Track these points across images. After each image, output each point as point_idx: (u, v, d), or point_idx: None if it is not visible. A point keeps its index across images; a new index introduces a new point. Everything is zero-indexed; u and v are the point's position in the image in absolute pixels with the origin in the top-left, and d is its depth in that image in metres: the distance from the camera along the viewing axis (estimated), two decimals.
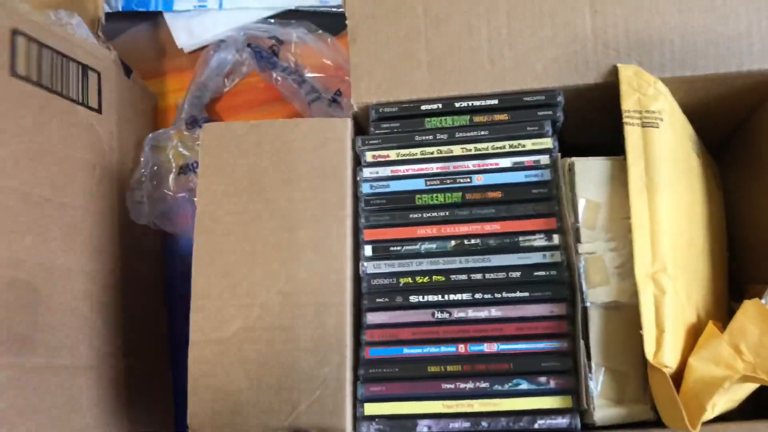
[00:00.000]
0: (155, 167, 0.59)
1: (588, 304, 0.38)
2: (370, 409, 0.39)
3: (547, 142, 0.42)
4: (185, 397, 0.40)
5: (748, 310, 0.36)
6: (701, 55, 0.41)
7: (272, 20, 0.65)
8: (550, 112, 0.42)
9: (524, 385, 0.38)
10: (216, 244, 0.42)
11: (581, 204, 0.40)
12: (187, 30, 0.66)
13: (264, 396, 0.39)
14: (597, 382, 0.38)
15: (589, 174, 0.40)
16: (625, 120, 0.39)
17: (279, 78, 0.63)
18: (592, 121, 0.47)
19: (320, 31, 0.63)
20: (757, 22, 0.41)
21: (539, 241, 0.41)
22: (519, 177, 0.42)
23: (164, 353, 0.57)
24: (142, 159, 0.58)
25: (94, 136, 0.53)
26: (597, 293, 0.38)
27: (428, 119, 0.43)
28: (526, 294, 0.40)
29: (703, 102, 0.45)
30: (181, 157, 0.61)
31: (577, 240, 0.39)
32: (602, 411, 0.37)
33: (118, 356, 0.49)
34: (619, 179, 0.39)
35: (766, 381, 0.34)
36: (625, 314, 0.38)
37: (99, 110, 0.54)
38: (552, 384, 0.38)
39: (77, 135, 0.51)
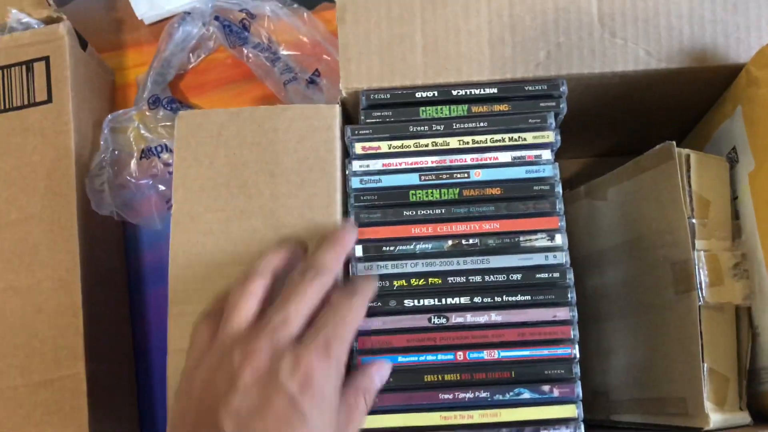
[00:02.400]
0: (115, 151, 0.54)
1: (701, 303, 0.37)
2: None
3: (549, 136, 0.39)
4: (151, 401, 0.36)
5: None
6: (710, 46, 0.39)
7: None
8: (553, 104, 0.40)
9: (526, 395, 0.36)
10: (195, 245, 0.38)
11: (696, 199, 0.38)
12: None
13: None
14: (704, 385, 0.36)
15: (704, 169, 0.38)
16: None
17: (251, 55, 0.58)
18: (589, 113, 0.45)
19: (295, 5, 0.59)
20: None
21: (541, 241, 0.38)
22: (519, 173, 0.39)
23: (129, 355, 0.52)
24: (102, 143, 0.53)
25: (47, 134, 0.50)
26: (710, 293, 0.37)
27: (423, 108, 0.40)
28: (528, 297, 0.38)
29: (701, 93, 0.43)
30: (143, 140, 0.56)
31: (693, 236, 0.37)
32: (713, 415, 0.36)
33: (79, 362, 0.45)
34: (724, 180, 0.39)
35: None
36: (730, 316, 0.37)
37: (49, 99, 0.49)
38: (556, 393, 0.36)
39: (32, 141, 0.49)
